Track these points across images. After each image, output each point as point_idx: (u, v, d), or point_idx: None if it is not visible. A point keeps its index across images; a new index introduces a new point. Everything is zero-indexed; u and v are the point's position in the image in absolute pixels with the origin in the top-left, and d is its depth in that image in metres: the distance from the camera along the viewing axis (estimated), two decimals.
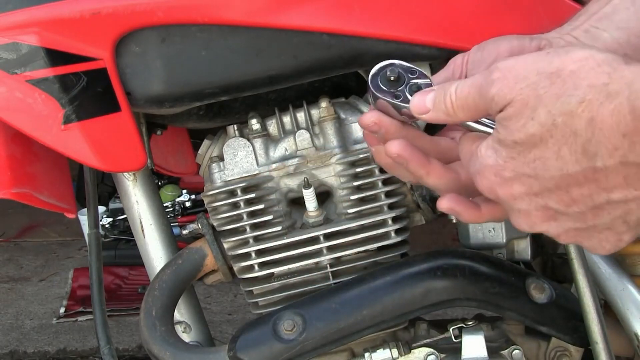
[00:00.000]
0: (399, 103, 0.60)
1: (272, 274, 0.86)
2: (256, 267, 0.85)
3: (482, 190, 0.56)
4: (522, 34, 0.63)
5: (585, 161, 0.49)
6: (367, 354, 0.83)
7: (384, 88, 0.60)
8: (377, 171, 0.83)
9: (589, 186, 0.50)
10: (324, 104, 0.84)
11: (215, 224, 0.87)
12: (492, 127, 0.57)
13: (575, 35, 0.63)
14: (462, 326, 0.83)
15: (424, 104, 0.58)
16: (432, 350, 0.84)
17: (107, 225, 2.83)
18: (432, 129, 0.72)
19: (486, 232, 0.89)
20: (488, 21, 0.71)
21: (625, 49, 0.62)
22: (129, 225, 0.97)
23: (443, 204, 0.59)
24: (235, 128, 0.86)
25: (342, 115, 0.85)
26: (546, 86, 0.49)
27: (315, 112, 0.86)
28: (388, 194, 0.85)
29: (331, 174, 0.85)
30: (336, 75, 0.82)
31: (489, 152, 0.54)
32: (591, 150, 0.48)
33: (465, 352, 0.81)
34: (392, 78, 0.60)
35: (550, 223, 0.55)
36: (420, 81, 0.60)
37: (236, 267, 0.87)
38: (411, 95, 0.59)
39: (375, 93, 0.60)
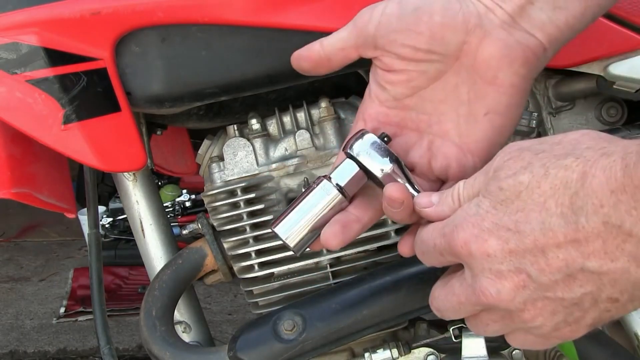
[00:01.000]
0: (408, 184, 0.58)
1: (272, 274, 0.87)
2: (256, 267, 0.85)
3: (456, 249, 0.52)
4: None
5: (570, 215, 0.47)
6: (367, 354, 0.83)
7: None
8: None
9: (567, 248, 0.48)
10: (324, 104, 0.84)
11: (215, 224, 0.87)
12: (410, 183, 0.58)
13: (509, 10, 0.59)
14: (462, 326, 0.83)
15: (430, 199, 0.57)
16: (432, 350, 0.84)
17: (107, 225, 2.84)
18: None
19: None
20: None
21: (565, 33, 0.60)
22: (129, 225, 0.97)
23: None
24: (235, 128, 0.86)
25: (342, 115, 0.85)
26: (546, 149, 0.49)
27: (315, 112, 0.86)
28: None
29: None
30: (336, 75, 0.82)
31: (472, 204, 0.52)
32: (578, 204, 0.46)
33: (465, 352, 0.81)
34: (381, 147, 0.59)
35: (521, 290, 0.51)
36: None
37: (236, 267, 0.87)
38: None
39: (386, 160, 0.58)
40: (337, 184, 0.60)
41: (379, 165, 0.58)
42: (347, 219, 0.61)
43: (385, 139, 0.60)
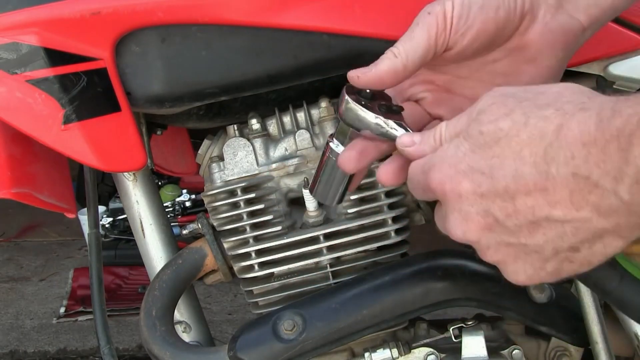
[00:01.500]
0: (387, 128, 0.61)
1: (272, 274, 0.86)
2: (256, 267, 0.85)
3: (432, 186, 0.55)
4: None
5: (541, 164, 0.49)
6: (367, 354, 0.83)
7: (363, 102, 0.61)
8: (377, 171, 0.83)
9: (535, 196, 0.50)
10: (324, 104, 0.84)
11: (215, 224, 0.87)
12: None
13: None
14: (462, 326, 0.83)
15: (412, 139, 0.59)
16: (432, 350, 0.84)
17: (107, 225, 2.84)
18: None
19: None
20: None
21: (607, 13, 0.62)
22: (129, 225, 0.97)
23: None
24: (235, 128, 0.86)
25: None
26: (530, 98, 0.51)
27: (315, 112, 0.86)
28: (388, 194, 0.85)
29: None
30: (336, 75, 0.82)
31: (451, 145, 0.54)
32: (551, 154, 0.48)
33: (465, 352, 0.81)
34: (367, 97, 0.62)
35: (485, 233, 0.54)
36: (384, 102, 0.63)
37: (236, 267, 0.87)
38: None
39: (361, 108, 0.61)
40: (338, 145, 0.65)
41: (365, 125, 0.62)
42: (363, 146, 0.64)
43: (363, 93, 0.62)
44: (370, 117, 0.61)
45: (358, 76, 0.60)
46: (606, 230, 0.49)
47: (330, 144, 0.66)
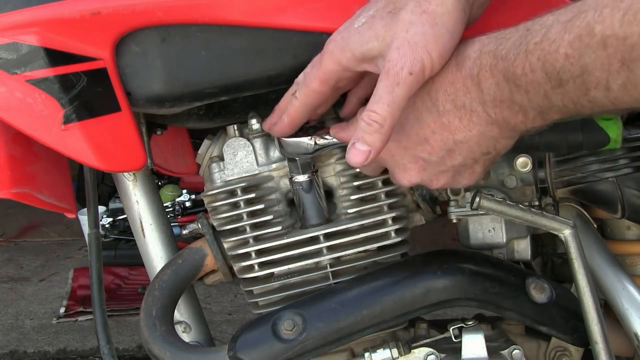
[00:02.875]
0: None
1: (272, 274, 0.86)
2: (256, 267, 0.85)
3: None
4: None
5: (431, 106, 0.64)
6: (367, 354, 0.83)
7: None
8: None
9: (441, 132, 0.65)
10: None
11: (215, 224, 0.87)
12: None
13: None
14: (462, 326, 0.83)
15: (340, 126, 0.73)
16: (432, 350, 0.84)
17: (107, 225, 2.84)
18: None
19: (486, 232, 0.89)
20: (485, 17, 0.71)
21: None
22: (129, 225, 0.97)
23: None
24: (235, 128, 0.86)
25: (342, 115, 0.85)
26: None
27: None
28: (388, 194, 0.85)
29: (331, 174, 0.85)
30: None
31: None
32: (433, 96, 0.64)
33: (465, 352, 0.81)
34: None
35: (422, 173, 0.69)
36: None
37: (236, 267, 0.87)
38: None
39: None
40: (297, 175, 0.81)
41: (304, 150, 0.75)
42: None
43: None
44: (305, 140, 0.74)
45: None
46: (494, 137, 0.64)
47: (294, 179, 0.80)
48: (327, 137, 0.74)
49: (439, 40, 0.61)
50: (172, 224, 1.32)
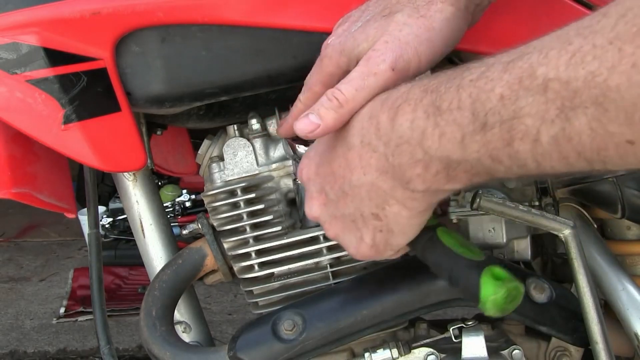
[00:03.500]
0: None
1: (272, 274, 0.86)
2: (256, 267, 0.85)
3: (299, 174, 0.67)
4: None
5: (346, 136, 0.58)
6: (367, 354, 0.83)
7: None
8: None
9: (344, 169, 0.59)
10: None
11: (215, 224, 0.87)
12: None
13: None
14: (462, 326, 0.83)
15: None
16: (432, 350, 0.84)
17: (107, 225, 2.84)
18: None
19: (486, 232, 0.89)
20: (487, 20, 0.71)
21: None
22: (129, 225, 0.97)
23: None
24: (235, 128, 0.86)
25: None
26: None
27: None
28: None
29: None
30: None
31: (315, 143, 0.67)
32: (350, 127, 0.58)
33: (465, 352, 0.81)
34: None
35: (322, 208, 0.64)
36: None
37: (236, 267, 0.87)
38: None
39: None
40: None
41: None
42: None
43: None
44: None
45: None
46: (385, 192, 0.56)
47: (297, 180, 0.77)
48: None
49: (432, 45, 0.59)
50: (172, 224, 1.32)
